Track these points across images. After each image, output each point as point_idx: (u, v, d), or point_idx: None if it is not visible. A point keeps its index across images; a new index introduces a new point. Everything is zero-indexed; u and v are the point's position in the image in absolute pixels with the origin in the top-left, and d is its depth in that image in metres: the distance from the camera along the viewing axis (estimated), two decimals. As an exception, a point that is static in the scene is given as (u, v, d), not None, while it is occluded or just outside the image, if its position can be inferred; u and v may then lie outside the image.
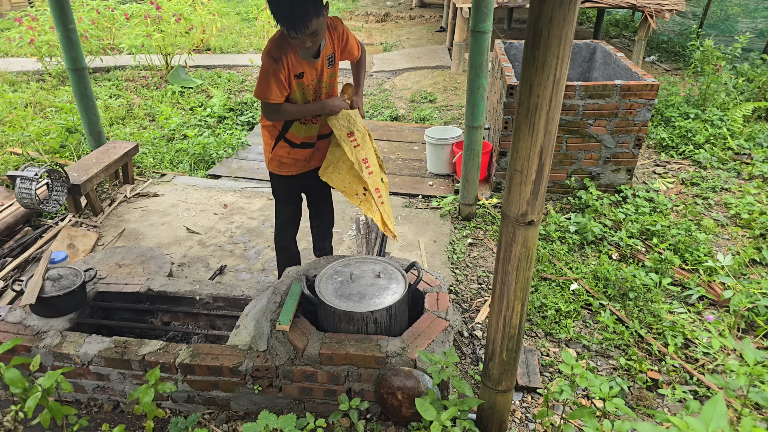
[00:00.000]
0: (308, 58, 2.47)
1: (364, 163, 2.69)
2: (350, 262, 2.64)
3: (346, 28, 2.61)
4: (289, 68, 2.44)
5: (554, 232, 3.84)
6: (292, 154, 2.78)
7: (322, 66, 2.56)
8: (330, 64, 2.60)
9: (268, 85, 2.43)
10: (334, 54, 2.60)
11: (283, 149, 2.76)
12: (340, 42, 2.60)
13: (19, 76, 7.60)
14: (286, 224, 3.10)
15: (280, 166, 2.83)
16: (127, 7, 7.93)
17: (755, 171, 4.67)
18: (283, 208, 3.05)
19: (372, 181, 2.71)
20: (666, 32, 9.82)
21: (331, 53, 2.58)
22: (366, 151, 2.71)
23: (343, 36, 2.60)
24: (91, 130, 4.65)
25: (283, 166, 2.83)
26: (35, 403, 1.94)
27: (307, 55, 2.46)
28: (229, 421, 2.44)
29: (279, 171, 2.85)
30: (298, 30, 2.25)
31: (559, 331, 3.01)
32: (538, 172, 1.63)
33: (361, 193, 2.72)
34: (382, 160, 2.88)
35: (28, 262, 3.63)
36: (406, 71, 8.30)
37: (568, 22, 1.43)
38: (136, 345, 2.43)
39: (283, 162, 2.81)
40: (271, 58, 2.40)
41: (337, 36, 2.57)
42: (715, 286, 3.27)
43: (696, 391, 2.62)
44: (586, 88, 4.03)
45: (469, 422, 2.05)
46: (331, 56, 2.59)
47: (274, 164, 2.84)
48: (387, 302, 2.35)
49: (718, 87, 5.77)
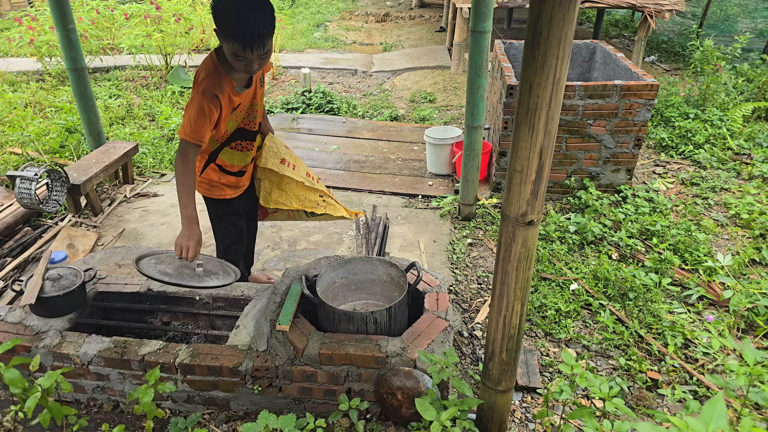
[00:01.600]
0: (243, 89, 2.31)
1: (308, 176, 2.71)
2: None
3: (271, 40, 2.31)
4: (223, 108, 2.24)
5: (554, 232, 3.84)
6: (224, 180, 2.58)
7: (255, 89, 2.41)
8: (262, 83, 2.49)
9: (202, 125, 2.18)
10: (263, 74, 2.48)
11: (214, 172, 2.55)
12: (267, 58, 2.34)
13: (19, 76, 7.60)
14: (232, 246, 2.86)
15: (211, 189, 2.61)
16: (127, 7, 7.94)
17: (755, 171, 4.67)
18: (227, 229, 2.81)
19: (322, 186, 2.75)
20: (666, 32, 9.82)
21: (262, 74, 2.45)
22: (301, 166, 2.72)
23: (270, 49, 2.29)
24: (90, 130, 4.65)
25: (215, 189, 2.61)
26: (35, 403, 1.94)
27: (241, 87, 2.29)
28: (229, 421, 2.44)
29: (211, 194, 2.63)
30: (254, 47, 2.05)
31: (559, 331, 3.01)
32: (538, 172, 1.63)
33: (320, 200, 2.70)
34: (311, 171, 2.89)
35: (27, 262, 3.63)
36: (406, 71, 8.30)
37: (568, 22, 1.43)
38: (135, 345, 2.43)
39: (215, 185, 2.60)
40: (208, 98, 2.16)
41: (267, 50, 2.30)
42: (715, 286, 3.27)
43: (696, 391, 2.62)
44: (585, 88, 4.03)
45: (468, 422, 2.05)
46: (261, 77, 2.47)
47: (203, 188, 2.61)
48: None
49: (717, 87, 5.77)
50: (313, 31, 10.77)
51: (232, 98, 2.28)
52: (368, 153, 5.40)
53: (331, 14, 12.56)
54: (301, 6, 13.27)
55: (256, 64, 2.14)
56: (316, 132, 5.96)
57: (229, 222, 2.80)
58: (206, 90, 2.17)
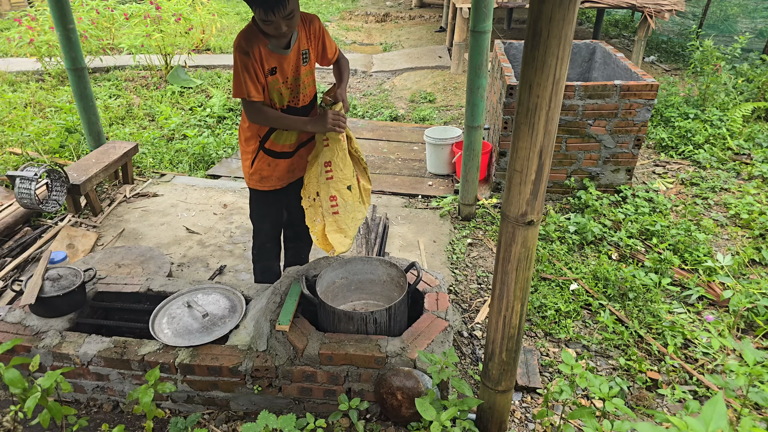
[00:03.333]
0: (279, 51, 2.34)
1: (326, 166, 2.56)
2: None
3: (322, 26, 2.50)
4: (261, 61, 2.32)
5: (554, 232, 3.84)
6: (273, 165, 2.65)
7: (297, 62, 2.43)
8: (305, 61, 2.47)
9: (244, 80, 2.31)
10: (309, 50, 2.47)
11: (263, 161, 2.63)
12: (316, 39, 2.48)
13: (19, 76, 7.60)
14: (266, 244, 2.95)
15: (262, 180, 2.69)
16: (127, 7, 7.93)
17: (755, 171, 4.67)
18: (262, 227, 2.91)
19: (328, 187, 2.56)
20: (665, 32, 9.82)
21: (306, 48, 2.44)
22: (333, 154, 2.54)
23: (319, 33, 2.48)
24: (90, 130, 4.65)
25: (265, 180, 2.69)
26: (35, 404, 1.94)
27: (277, 48, 2.33)
28: (229, 421, 2.44)
29: (261, 186, 2.71)
30: (275, 10, 2.12)
31: (559, 331, 3.01)
32: (538, 172, 1.63)
33: (313, 196, 2.59)
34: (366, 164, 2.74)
35: (27, 262, 3.63)
36: (406, 71, 8.30)
37: (568, 22, 1.43)
38: (135, 345, 2.43)
39: (264, 176, 2.67)
40: (241, 52, 2.29)
41: (312, 31, 2.45)
42: (715, 286, 3.27)
43: (695, 391, 2.62)
44: (585, 88, 4.03)
45: (468, 422, 2.05)
46: (306, 52, 2.45)
47: (255, 179, 2.69)
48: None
49: (717, 87, 5.77)
50: (313, 31, 10.76)
51: (264, 56, 2.33)
52: (368, 153, 5.40)
53: (331, 14, 12.55)
54: (301, 6, 13.26)
55: (284, 26, 2.20)
56: (315, 132, 5.95)
57: (266, 220, 2.88)
58: (238, 46, 2.30)
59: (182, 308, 2.56)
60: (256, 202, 2.83)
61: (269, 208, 2.84)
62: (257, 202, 2.83)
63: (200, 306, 2.54)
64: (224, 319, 2.53)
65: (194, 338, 2.42)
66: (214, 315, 2.53)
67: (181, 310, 2.55)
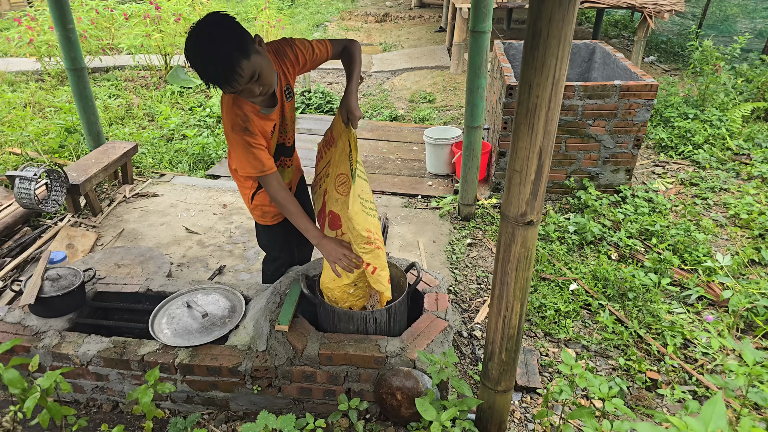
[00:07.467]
0: (268, 111, 2.20)
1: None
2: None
3: (295, 44, 2.26)
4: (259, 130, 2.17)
5: (553, 233, 3.84)
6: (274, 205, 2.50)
7: (282, 105, 2.29)
8: (288, 97, 2.31)
9: (255, 156, 2.13)
10: (290, 84, 2.30)
11: (263, 197, 2.49)
12: (296, 64, 2.28)
13: (18, 76, 7.59)
14: (281, 268, 2.82)
15: (264, 216, 2.58)
16: (127, 7, 7.93)
17: (754, 171, 4.67)
18: (276, 256, 2.82)
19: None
20: (665, 33, 9.83)
21: (286, 84, 2.27)
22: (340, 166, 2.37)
23: (297, 55, 2.26)
24: (90, 130, 4.65)
25: (267, 215, 2.57)
26: (34, 404, 1.94)
27: (267, 109, 2.20)
28: (229, 421, 2.44)
29: (264, 221, 2.61)
30: (233, 83, 1.93)
31: (559, 331, 3.01)
32: (538, 173, 1.63)
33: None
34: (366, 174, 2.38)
35: (27, 263, 3.63)
36: (406, 71, 8.30)
37: (568, 22, 1.43)
38: (135, 345, 2.43)
39: (266, 211, 2.55)
40: (240, 131, 2.11)
41: (288, 62, 2.25)
42: (714, 287, 3.27)
43: (695, 391, 2.62)
44: (585, 88, 4.03)
45: (468, 422, 2.05)
46: (287, 87, 2.28)
47: (257, 213, 2.58)
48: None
49: (717, 87, 5.77)
50: (313, 32, 10.77)
51: (261, 120, 2.18)
52: (367, 153, 5.40)
53: (330, 14, 12.55)
54: (301, 6, 13.27)
55: (256, 89, 2.03)
56: (315, 132, 5.95)
57: (279, 249, 2.79)
58: (234, 126, 2.12)
59: (182, 308, 2.56)
60: (263, 233, 2.73)
61: (279, 241, 2.75)
62: (264, 234, 2.73)
63: (200, 306, 2.54)
64: (224, 319, 2.53)
65: (194, 338, 2.42)
66: (213, 315, 2.53)
67: (180, 311, 2.55)
